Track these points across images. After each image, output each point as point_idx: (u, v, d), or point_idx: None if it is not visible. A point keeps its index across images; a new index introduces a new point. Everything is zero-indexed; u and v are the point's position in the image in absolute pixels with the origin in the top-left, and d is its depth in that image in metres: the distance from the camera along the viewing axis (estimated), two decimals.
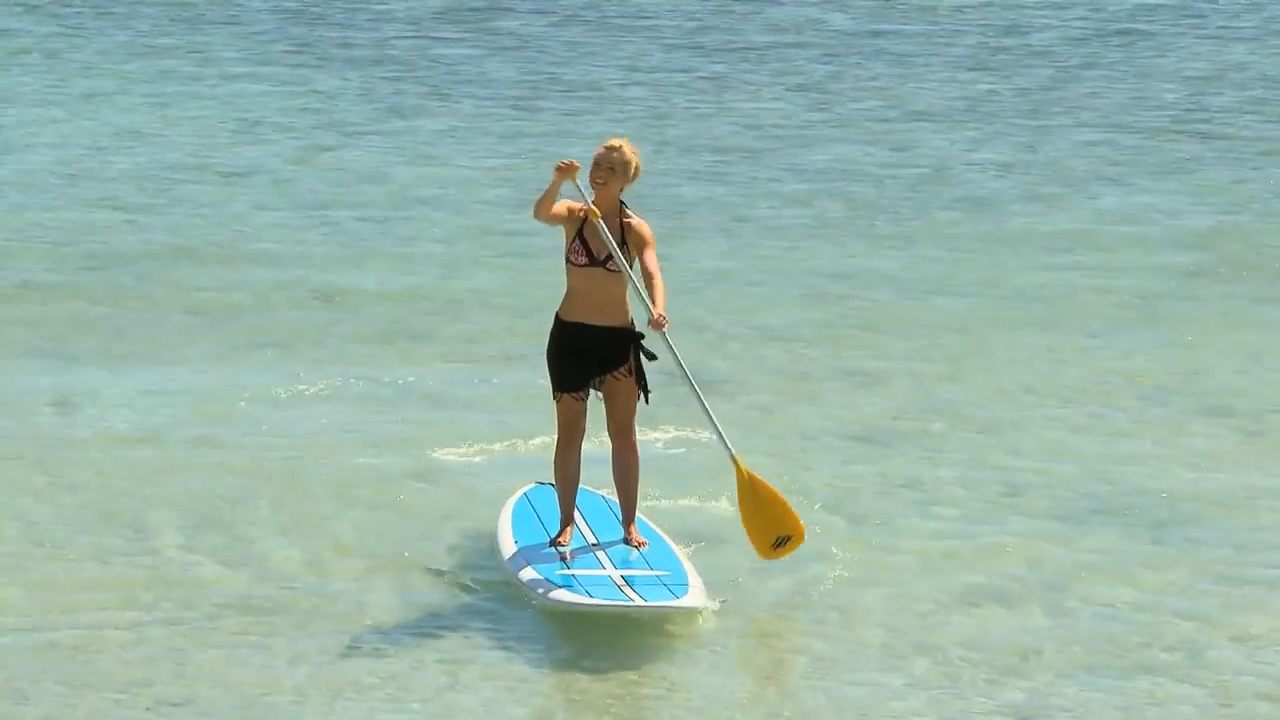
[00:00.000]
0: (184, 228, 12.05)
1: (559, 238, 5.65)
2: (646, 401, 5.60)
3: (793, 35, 19.79)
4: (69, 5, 20.08)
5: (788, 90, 17.51)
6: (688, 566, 5.45)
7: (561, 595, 5.21)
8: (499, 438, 7.33)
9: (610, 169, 5.32)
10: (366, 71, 17.92)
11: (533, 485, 6.01)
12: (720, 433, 5.65)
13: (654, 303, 5.36)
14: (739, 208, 12.67)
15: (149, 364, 8.93)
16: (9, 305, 10.05)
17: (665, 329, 5.34)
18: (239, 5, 20.47)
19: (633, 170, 5.39)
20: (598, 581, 5.31)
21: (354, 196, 13.05)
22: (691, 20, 20.24)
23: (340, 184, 13.50)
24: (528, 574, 5.41)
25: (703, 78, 18.02)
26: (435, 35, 19.67)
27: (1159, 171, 14.21)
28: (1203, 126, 15.96)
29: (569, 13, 20.17)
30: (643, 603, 5.12)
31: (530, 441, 7.11)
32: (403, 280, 10.60)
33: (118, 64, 17.40)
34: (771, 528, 5.47)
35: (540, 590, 5.29)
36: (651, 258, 5.41)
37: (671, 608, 5.13)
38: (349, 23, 20.28)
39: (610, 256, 5.31)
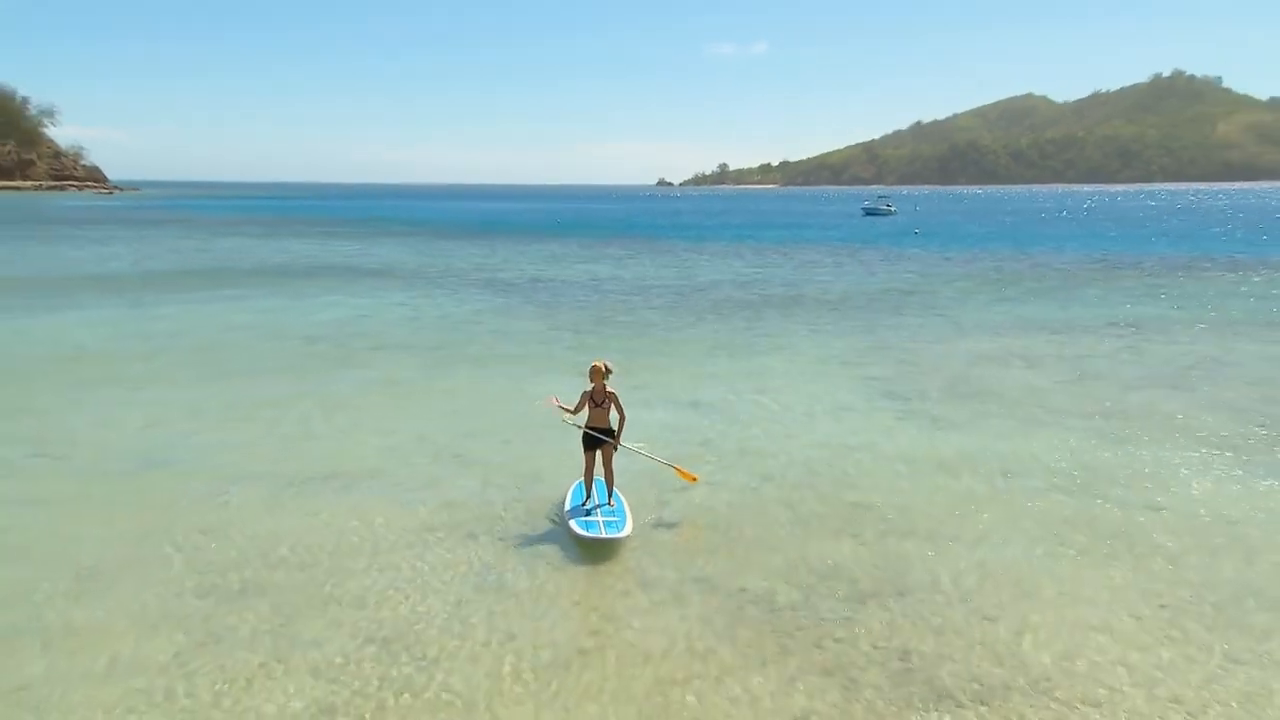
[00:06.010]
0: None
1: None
2: (616, 450, 12.36)
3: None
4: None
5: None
6: (629, 517, 11.93)
7: (573, 527, 11.60)
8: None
9: (605, 374, 11.98)
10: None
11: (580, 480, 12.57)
12: (658, 461, 12.87)
13: (619, 434, 12.13)
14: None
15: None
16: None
17: (619, 447, 12.13)
18: None
19: (610, 371, 12.07)
20: (591, 523, 11.66)
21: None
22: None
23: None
24: (569, 517, 11.87)
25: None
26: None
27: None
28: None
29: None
30: (603, 535, 11.41)
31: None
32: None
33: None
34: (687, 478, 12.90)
35: (569, 523, 11.71)
36: (618, 408, 12.12)
37: (613, 538, 11.41)
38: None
39: (605, 399, 12.12)
